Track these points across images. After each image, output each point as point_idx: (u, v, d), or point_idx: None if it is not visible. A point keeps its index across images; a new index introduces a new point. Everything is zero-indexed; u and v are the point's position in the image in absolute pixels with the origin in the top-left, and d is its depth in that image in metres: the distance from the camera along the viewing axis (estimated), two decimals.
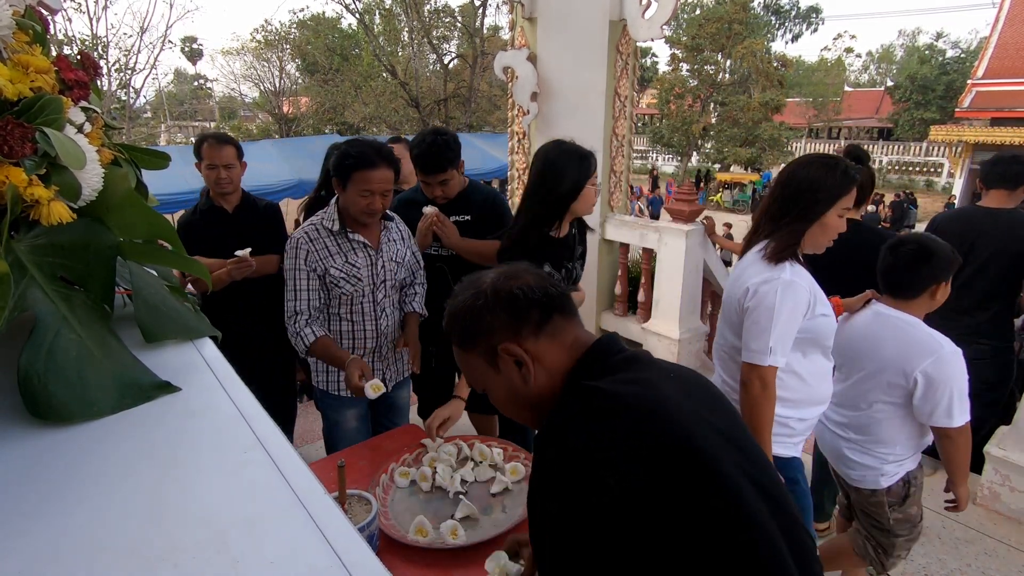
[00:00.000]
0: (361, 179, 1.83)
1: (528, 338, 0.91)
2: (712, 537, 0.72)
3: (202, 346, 0.77)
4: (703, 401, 0.87)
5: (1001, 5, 18.17)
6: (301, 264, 1.90)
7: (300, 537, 0.46)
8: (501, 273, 0.95)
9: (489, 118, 20.22)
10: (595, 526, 0.73)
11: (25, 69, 0.64)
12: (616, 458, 0.75)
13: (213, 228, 2.39)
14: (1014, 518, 2.45)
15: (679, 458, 0.75)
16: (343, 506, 1.32)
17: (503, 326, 0.91)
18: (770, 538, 0.74)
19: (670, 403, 0.81)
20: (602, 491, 0.73)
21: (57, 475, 0.52)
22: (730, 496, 0.74)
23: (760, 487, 0.79)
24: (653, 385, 0.84)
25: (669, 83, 22.37)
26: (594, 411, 0.81)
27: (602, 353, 0.91)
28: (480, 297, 0.92)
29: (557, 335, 0.92)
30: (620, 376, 0.86)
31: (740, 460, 0.79)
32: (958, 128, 17.02)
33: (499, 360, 0.92)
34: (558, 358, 0.91)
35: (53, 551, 0.44)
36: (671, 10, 3.60)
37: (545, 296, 0.91)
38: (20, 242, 0.62)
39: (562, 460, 0.79)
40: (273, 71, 21.81)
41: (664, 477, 0.73)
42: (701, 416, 0.82)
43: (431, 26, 18.39)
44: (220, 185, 2.37)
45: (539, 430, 0.87)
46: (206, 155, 2.34)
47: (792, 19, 32.48)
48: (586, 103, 3.98)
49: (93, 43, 12.32)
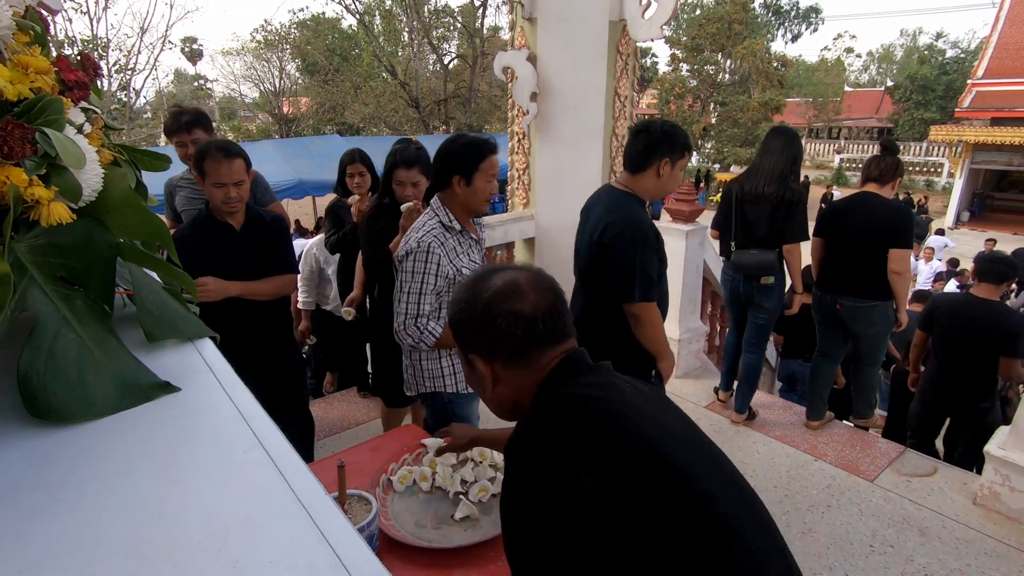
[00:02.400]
0: (489, 165, 1.89)
1: (497, 361, 0.95)
2: (679, 525, 0.75)
3: (202, 347, 0.77)
4: (660, 406, 0.93)
5: (1001, 5, 18.16)
6: (432, 270, 1.87)
7: (300, 537, 0.46)
8: (506, 286, 0.94)
9: (489, 118, 20.22)
10: (571, 524, 0.76)
11: (25, 70, 0.64)
12: (584, 455, 0.80)
13: (217, 246, 2.13)
14: (1014, 518, 2.45)
15: (640, 452, 0.80)
16: (343, 506, 1.32)
17: (479, 343, 0.95)
18: (738, 525, 0.79)
19: (629, 404, 0.87)
20: (576, 489, 0.76)
21: (57, 475, 0.52)
22: (688, 484, 0.79)
23: (716, 473, 0.85)
24: (615, 388, 0.90)
25: (669, 83, 22.36)
26: (561, 414, 0.86)
27: (569, 366, 0.94)
28: (473, 306, 0.94)
29: (530, 364, 0.94)
30: (583, 381, 0.91)
31: (694, 447, 0.87)
32: (958, 128, 17.01)
33: (471, 363, 0.97)
34: (527, 381, 0.95)
35: (53, 551, 0.44)
36: (671, 10, 3.60)
37: (528, 332, 0.91)
38: (20, 242, 0.62)
39: (534, 465, 0.82)
40: (273, 71, 21.81)
41: (628, 470, 0.78)
42: (659, 419, 0.87)
43: (431, 26, 18.39)
44: (229, 204, 2.09)
45: (508, 440, 0.91)
46: (211, 171, 2.03)
47: (792, 19, 32.47)
48: (586, 103, 3.98)
49: (93, 44, 12.31)
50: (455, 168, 1.90)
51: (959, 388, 3.12)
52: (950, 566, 2.23)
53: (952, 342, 3.13)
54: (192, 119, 2.55)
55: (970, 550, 2.31)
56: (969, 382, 3.09)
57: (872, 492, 2.66)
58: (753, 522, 0.83)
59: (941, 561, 2.26)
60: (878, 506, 2.57)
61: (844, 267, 2.96)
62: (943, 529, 2.42)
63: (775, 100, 20.16)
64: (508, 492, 0.84)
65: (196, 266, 2.04)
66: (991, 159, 16.96)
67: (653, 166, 2.06)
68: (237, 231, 2.17)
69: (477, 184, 1.89)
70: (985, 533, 2.40)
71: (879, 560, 2.26)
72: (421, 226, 1.93)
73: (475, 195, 1.92)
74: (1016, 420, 2.49)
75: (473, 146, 1.89)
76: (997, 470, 2.50)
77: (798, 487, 2.71)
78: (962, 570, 2.21)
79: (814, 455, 2.95)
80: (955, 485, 2.69)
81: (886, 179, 2.88)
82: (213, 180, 2.04)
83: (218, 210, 2.14)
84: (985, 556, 2.28)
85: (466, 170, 1.88)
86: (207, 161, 2.03)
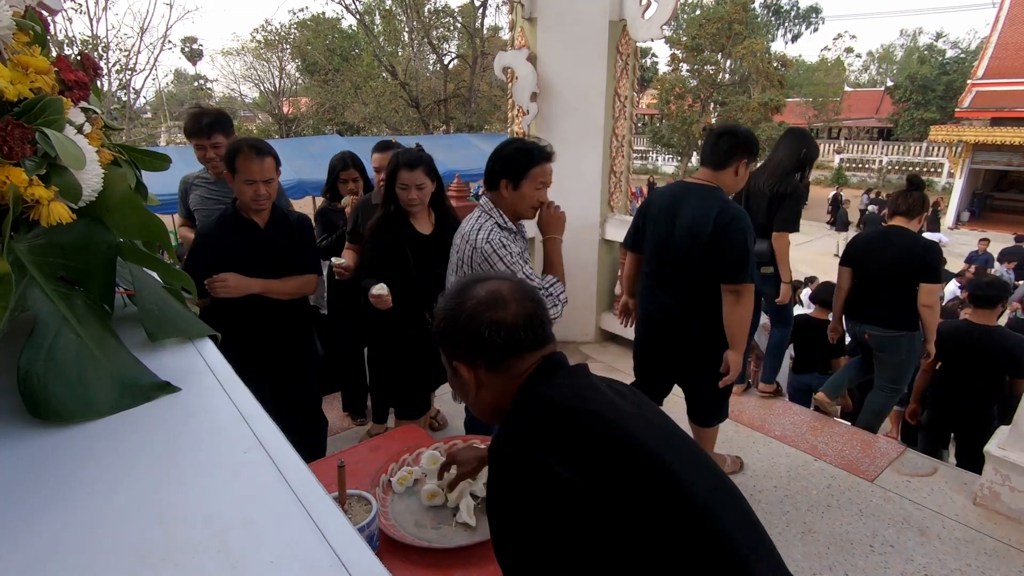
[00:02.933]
0: (540, 172, 1.91)
1: (480, 367, 0.99)
2: (665, 519, 0.77)
3: (202, 347, 0.77)
4: (636, 403, 0.96)
5: (1001, 5, 18.17)
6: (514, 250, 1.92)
7: (300, 537, 0.46)
8: (490, 295, 0.98)
9: (489, 118, 20.22)
10: (557, 520, 0.77)
11: (25, 70, 0.64)
12: (565, 450, 0.82)
13: (242, 244, 2.13)
14: (1014, 518, 2.45)
15: (620, 446, 0.83)
16: (343, 506, 1.32)
17: (462, 350, 0.99)
18: (712, 512, 0.81)
19: (607, 401, 0.90)
20: (559, 485, 0.78)
21: (57, 475, 0.52)
22: (666, 472, 0.81)
23: (697, 469, 0.87)
24: (592, 387, 0.94)
25: (669, 83, 22.34)
26: (540, 412, 0.90)
27: (548, 368, 0.98)
28: (457, 315, 0.98)
29: (511, 369, 0.98)
30: (561, 381, 0.95)
31: (675, 444, 0.90)
32: (958, 128, 17.03)
33: (456, 369, 1.01)
34: (508, 386, 0.98)
35: (54, 550, 0.44)
36: (671, 10, 3.60)
37: (508, 340, 0.95)
38: (20, 242, 0.62)
39: (516, 463, 0.84)
40: (273, 71, 21.83)
41: (609, 464, 0.80)
42: (637, 415, 0.91)
43: (431, 26, 18.38)
44: (258, 202, 2.10)
45: (491, 441, 0.94)
46: (242, 168, 2.03)
47: (792, 19, 32.48)
48: (586, 103, 3.98)
49: (93, 44, 12.31)
50: (504, 172, 1.92)
51: (963, 408, 3.20)
52: (950, 566, 2.23)
53: (956, 369, 3.21)
54: (213, 121, 2.51)
55: (970, 550, 2.31)
56: (971, 405, 3.17)
57: (872, 492, 2.66)
58: (739, 518, 0.85)
59: (941, 561, 2.25)
60: (878, 506, 2.57)
61: (872, 298, 3.09)
62: (943, 529, 2.42)
63: (775, 100, 20.14)
64: (494, 493, 0.86)
65: (219, 262, 2.08)
66: (991, 159, 16.97)
67: (732, 165, 2.23)
68: (261, 229, 2.18)
69: (525, 190, 1.92)
70: (985, 533, 2.39)
71: (879, 560, 2.26)
72: (478, 228, 1.94)
73: (522, 200, 1.94)
74: (1016, 420, 2.49)
75: (525, 151, 1.91)
76: (997, 470, 2.50)
77: (798, 487, 2.71)
78: (962, 570, 2.21)
79: (814, 455, 2.95)
80: (955, 485, 2.69)
81: (914, 213, 3.01)
82: (244, 177, 2.05)
83: (245, 207, 2.14)
84: (985, 556, 2.28)
85: (515, 175, 1.90)
86: (239, 158, 2.04)
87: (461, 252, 1.97)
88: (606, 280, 4.42)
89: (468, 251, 1.93)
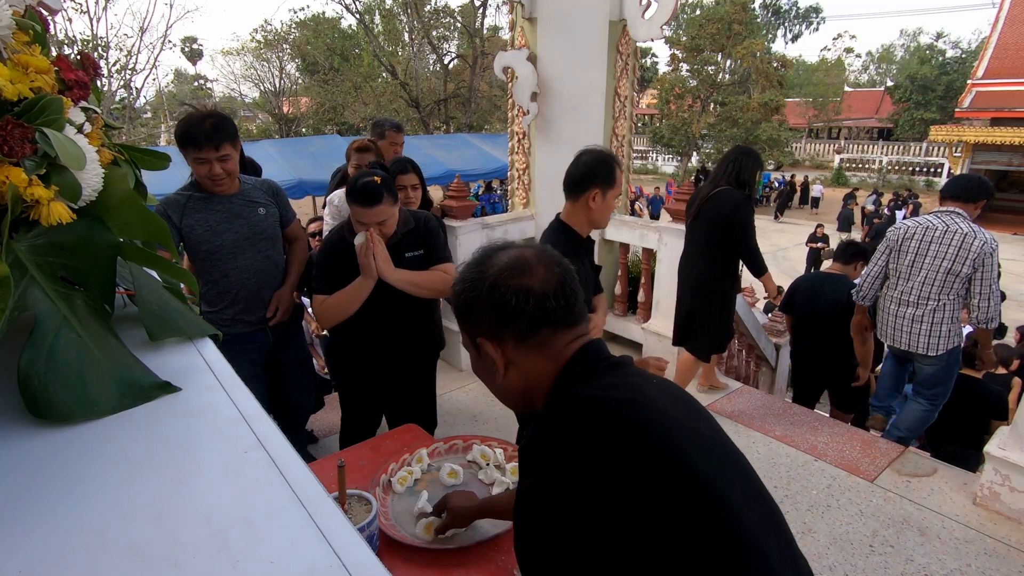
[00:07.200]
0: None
1: (508, 342, 0.89)
2: (695, 535, 0.72)
3: (203, 347, 0.77)
4: (684, 408, 0.87)
5: (1001, 5, 18.18)
6: None
7: (300, 537, 0.46)
8: (513, 262, 0.90)
9: (489, 118, 20.22)
10: (595, 534, 0.73)
11: (25, 69, 0.64)
12: (607, 465, 0.75)
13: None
14: (1014, 518, 2.45)
15: (662, 460, 0.75)
16: (343, 506, 1.32)
17: (487, 323, 0.90)
18: (753, 536, 0.75)
19: (653, 407, 0.81)
20: (591, 495, 0.73)
21: (57, 475, 0.52)
22: (714, 498, 0.75)
23: (743, 486, 0.82)
24: (637, 389, 0.84)
25: (669, 83, 22.34)
26: (581, 420, 0.81)
27: (587, 360, 0.89)
28: (479, 285, 0.89)
29: (542, 346, 0.89)
30: (605, 382, 0.86)
31: (725, 460, 0.83)
32: (958, 128, 17.04)
33: (479, 347, 0.92)
34: (540, 366, 0.90)
35: (54, 550, 0.44)
36: (671, 10, 3.60)
37: (538, 308, 0.87)
38: (20, 242, 0.62)
39: (554, 475, 0.78)
40: (273, 71, 21.84)
41: (653, 482, 0.74)
42: (683, 421, 0.82)
43: (431, 26, 18.40)
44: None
45: (523, 444, 0.86)
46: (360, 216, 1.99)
47: (792, 19, 32.50)
48: (586, 103, 3.98)
49: (93, 43, 12.31)
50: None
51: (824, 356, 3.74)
52: (950, 566, 2.23)
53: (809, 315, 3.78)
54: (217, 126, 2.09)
55: (970, 550, 2.31)
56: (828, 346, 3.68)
57: (872, 492, 2.66)
58: (774, 539, 0.80)
59: (941, 561, 2.25)
60: (878, 506, 2.57)
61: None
62: (943, 529, 2.42)
63: (775, 100, 20.15)
64: (527, 502, 0.80)
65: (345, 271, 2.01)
66: (991, 159, 16.98)
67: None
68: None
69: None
70: (985, 533, 2.39)
71: (879, 560, 2.26)
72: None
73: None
74: (1016, 420, 2.49)
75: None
76: (997, 470, 2.50)
77: (798, 487, 2.71)
78: (962, 570, 2.21)
79: (814, 455, 2.95)
80: (955, 485, 2.69)
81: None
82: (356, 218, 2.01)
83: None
84: (985, 556, 2.28)
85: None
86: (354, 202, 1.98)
87: None
88: (606, 280, 4.42)
89: None
